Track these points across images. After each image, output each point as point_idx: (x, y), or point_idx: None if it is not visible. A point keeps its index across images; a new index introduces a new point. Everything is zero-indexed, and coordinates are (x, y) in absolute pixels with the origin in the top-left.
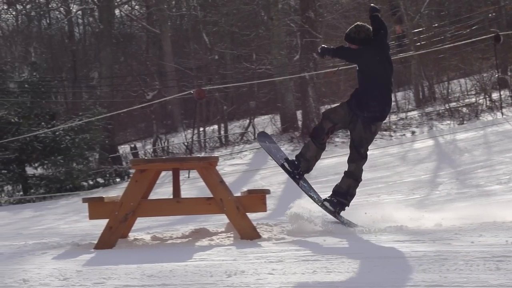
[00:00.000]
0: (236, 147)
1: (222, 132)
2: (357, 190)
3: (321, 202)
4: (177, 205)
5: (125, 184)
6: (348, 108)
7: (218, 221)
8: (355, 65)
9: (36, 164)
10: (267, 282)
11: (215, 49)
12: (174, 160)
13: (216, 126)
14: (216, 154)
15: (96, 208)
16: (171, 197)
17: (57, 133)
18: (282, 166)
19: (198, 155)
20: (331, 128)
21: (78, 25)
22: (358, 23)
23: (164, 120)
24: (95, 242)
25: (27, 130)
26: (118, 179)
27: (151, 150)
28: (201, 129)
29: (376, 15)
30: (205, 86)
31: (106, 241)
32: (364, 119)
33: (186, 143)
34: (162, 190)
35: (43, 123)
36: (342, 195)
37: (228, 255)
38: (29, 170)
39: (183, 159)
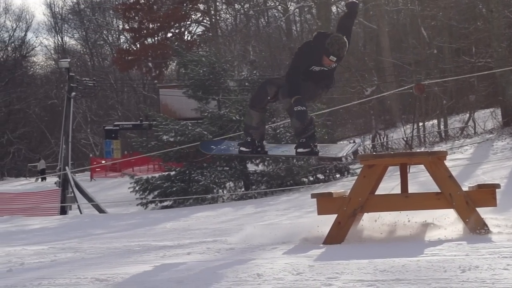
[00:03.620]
0: (456, 141)
1: (442, 127)
2: None
3: (295, 152)
4: (405, 200)
5: (345, 180)
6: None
7: (443, 216)
8: None
9: (257, 161)
10: (503, 278)
11: (433, 43)
12: (402, 155)
13: (435, 121)
14: (436, 149)
15: (325, 204)
16: (392, 192)
17: (277, 130)
18: (240, 152)
19: (427, 150)
20: (276, 91)
21: (295, 22)
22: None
23: (382, 116)
24: (322, 237)
25: None
26: (338, 175)
27: (370, 145)
28: (420, 124)
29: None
30: (424, 81)
31: (335, 236)
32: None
33: (405, 138)
34: (381, 186)
35: None
36: (304, 130)
37: (459, 250)
38: (251, 167)
39: (411, 154)
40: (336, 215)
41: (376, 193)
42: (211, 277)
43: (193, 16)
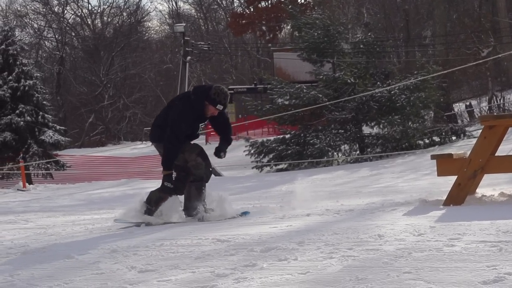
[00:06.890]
0: None
1: None
2: None
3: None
4: None
5: (461, 143)
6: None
7: None
8: None
9: (372, 123)
10: None
11: None
12: None
13: None
14: None
15: (445, 165)
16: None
17: (392, 92)
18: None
19: None
20: None
21: None
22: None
23: (499, 77)
24: (441, 199)
25: (363, 90)
26: (454, 137)
27: (487, 107)
28: None
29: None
30: None
31: (455, 198)
32: None
33: None
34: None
35: (378, 83)
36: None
37: None
38: (366, 130)
39: None
40: (455, 177)
41: (496, 154)
42: (332, 238)
43: None
